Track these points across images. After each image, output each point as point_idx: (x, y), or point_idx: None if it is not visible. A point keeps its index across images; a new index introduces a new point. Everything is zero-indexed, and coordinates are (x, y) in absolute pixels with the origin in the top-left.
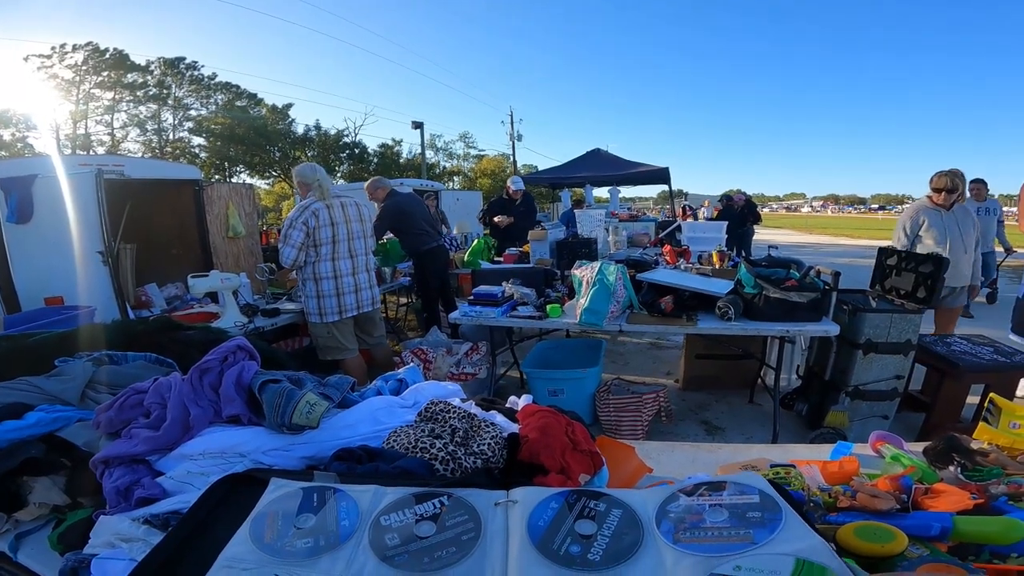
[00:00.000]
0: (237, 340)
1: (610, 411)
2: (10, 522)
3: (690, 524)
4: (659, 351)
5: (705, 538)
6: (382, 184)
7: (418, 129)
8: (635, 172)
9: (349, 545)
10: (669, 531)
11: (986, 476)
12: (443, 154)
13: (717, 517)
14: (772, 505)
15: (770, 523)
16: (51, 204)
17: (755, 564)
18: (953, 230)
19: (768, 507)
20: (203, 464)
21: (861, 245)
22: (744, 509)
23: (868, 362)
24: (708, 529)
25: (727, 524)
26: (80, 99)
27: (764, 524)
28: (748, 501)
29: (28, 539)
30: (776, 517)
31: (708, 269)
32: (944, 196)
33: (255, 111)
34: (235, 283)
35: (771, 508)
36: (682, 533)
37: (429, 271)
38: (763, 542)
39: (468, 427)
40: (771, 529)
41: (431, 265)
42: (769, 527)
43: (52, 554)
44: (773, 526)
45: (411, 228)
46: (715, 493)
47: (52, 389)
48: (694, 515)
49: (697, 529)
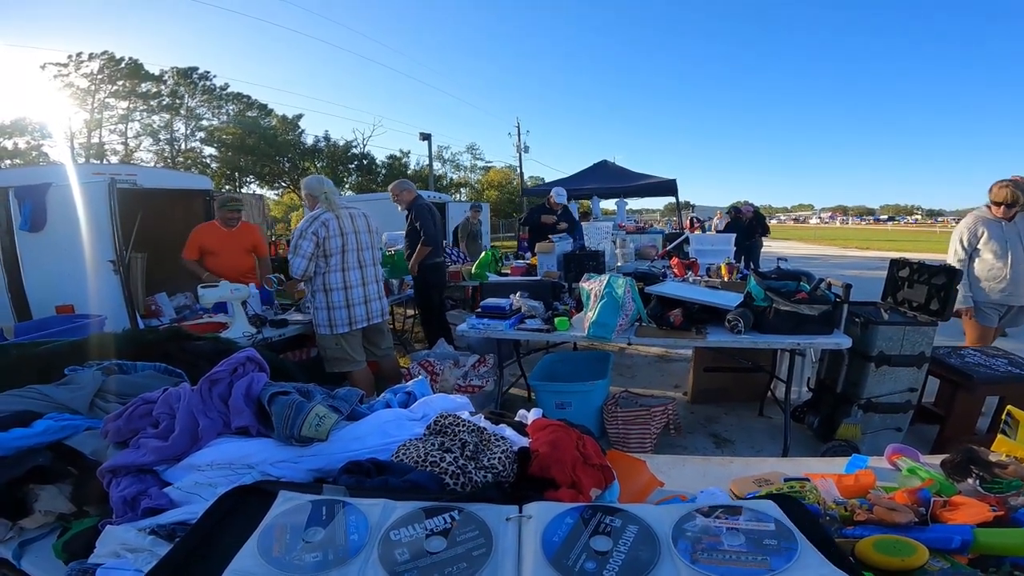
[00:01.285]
0: (247, 352)
1: (618, 424)
2: (14, 529)
3: (708, 545)
4: (667, 364)
5: (723, 560)
6: (407, 187)
7: (426, 140)
8: (642, 184)
9: (358, 560)
10: (687, 550)
11: (1005, 488)
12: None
13: (734, 540)
14: (787, 535)
15: (786, 552)
16: (64, 212)
17: None
18: (1015, 243)
19: (784, 536)
20: (211, 475)
21: (871, 257)
22: (761, 536)
23: (881, 375)
24: (726, 552)
25: (744, 549)
26: (95, 108)
27: (780, 552)
28: (764, 528)
29: (32, 547)
30: (791, 546)
31: (717, 282)
32: (1004, 210)
33: (265, 122)
34: (244, 294)
35: (787, 537)
36: (700, 554)
37: (431, 284)
38: (779, 570)
39: (478, 441)
40: (787, 558)
41: (434, 279)
42: (785, 555)
43: (56, 562)
44: (789, 555)
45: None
46: (732, 517)
47: (61, 398)
48: (711, 536)
49: (715, 551)
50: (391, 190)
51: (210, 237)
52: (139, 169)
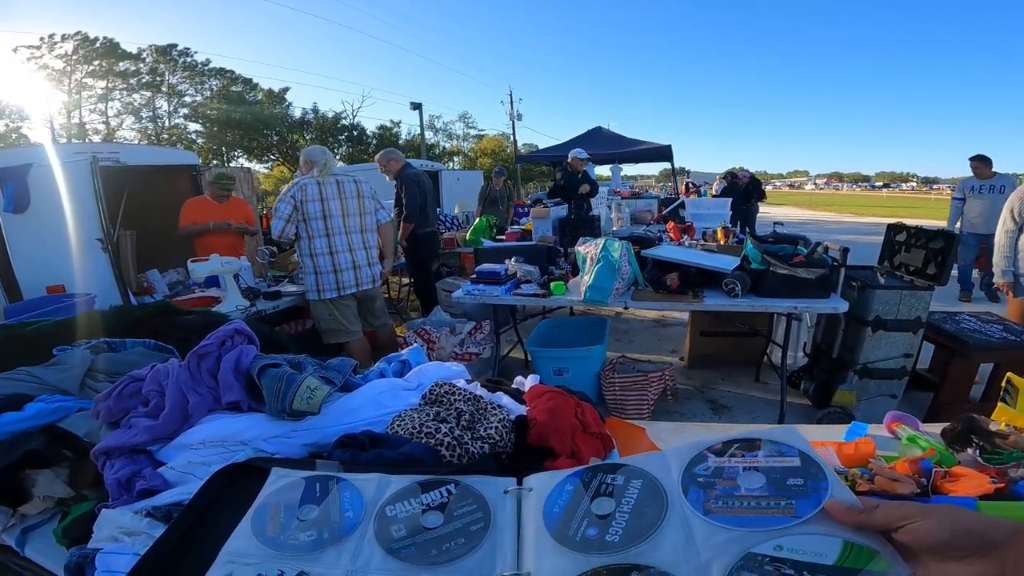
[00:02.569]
0: (235, 324)
1: (616, 390)
2: (16, 516)
3: (722, 491)
4: (664, 328)
5: (740, 509)
6: (394, 156)
7: (417, 110)
8: (637, 150)
9: (354, 537)
10: (698, 499)
11: (1005, 459)
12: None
13: (753, 483)
14: (816, 471)
15: (814, 493)
16: (48, 193)
17: (798, 544)
18: None
19: (811, 473)
20: (204, 454)
21: (866, 222)
22: (784, 474)
23: (877, 340)
24: (743, 498)
25: (765, 492)
26: (72, 88)
27: (807, 494)
28: (787, 464)
29: (34, 533)
30: (821, 486)
31: (713, 246)
32: None
33: (251, 96)
34: (235, 267)
35: (815, 475)
36: (713, 502)
37: (425, 254)
38: (806, 516)
39: (474, 410)
40: (815, 501)
41: (427, 249)
42: (813, 498)
43: (59, 548)
44: (818, 497)
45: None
46: (749, 453)
47: (51, 379)
48: (726, 480)
49: (731, 498)
50: (378, 160)
51: (201, 211)
52: (121, 146)
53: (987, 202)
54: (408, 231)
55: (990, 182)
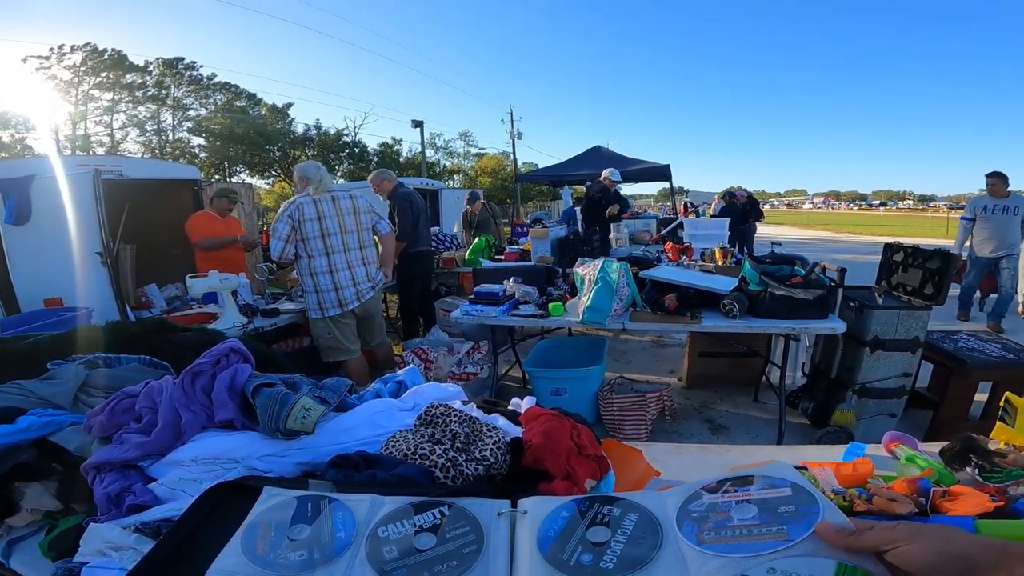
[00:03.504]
0: (230, 342)
1: (613, 410)
2: (2, 527)
3: (715, 523)
4: (662, 349)
5: (733, 537)
6: (386, 176)
7: (418, 128)
8: (636, 169)
9: (345, 558)
10: (692, 532)
11: (1005, 478)
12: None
13: (745, 514)
14: (807, 498)
15: (806, 518)
16: (49, 205)
17: (791, 567)
18: None
19: (803, 500)
20: (195, 471)
21: (864, 241)
22: (775, 504)
23: (875, 360)
24: (736, 527)
25: (757, 521)
26: (79, 100)
27: (799, 519)
28: (779, 495)
29: (20, 545)
30: (812, 511)
31: (711, 266)
32: None
33: (255, 111)
34: (234, 283)
35: (806, 501)
36: (706, 533)
37: (415, 273)
38: (799, 539)
39: (469, 431)
40: (807, 524)
41: (418, 268)
42: (805, 522)
43: (44, 561)
44: (810, 521)
45: (413, 226)
46: (742, 488)
47: (44, 393)
48: (719, 513)
49: (724, 528)
50: (371, 181)
51: (211, 225)
52: (125, 160)
53: (999, 223)
54: (400, 250)
55: (1004, 202)
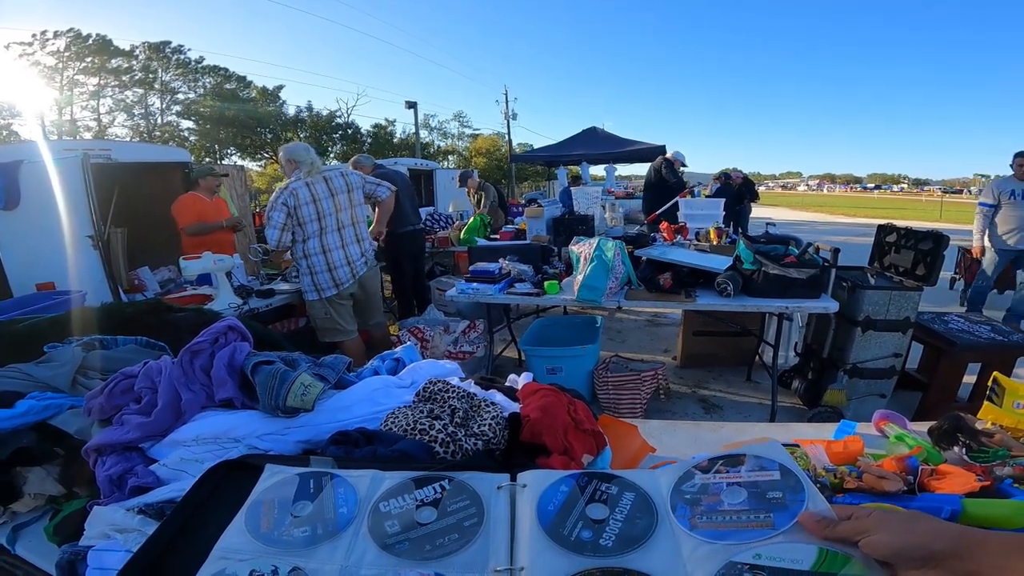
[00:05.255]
0: (228, 320)
1: (609, 389)
2: (7, 514)
3: (707, 507)
4: (656, 328)
5: (723, 524)
6: (364, 162)
7: (412, 109)
8: (631, 150)
9: (348, 533)
10: (685, 515)
11: (991, 457)
12: (437, 133)
13: (735, 499)
14: (794, 483)
15: (792, 505)
16: (38, 189)
17: (775, 552)
18: None
19: (790, 485)
20: (197, 451)
21: (858, 223)
22: (764, 488)
23: (866, 339)
24: (726, 513)
25: (746, 507)
26: (64, 85)
27: (786, 506)
28: (768, 478)
29: (25, 531)
30: (799, 498)
31: (706, 246)
32: None
33: (245, 94)
34: (228, 264)
35: (793, 487)
36: (698, 518)
37: (403, 253)
38: (784, 527)
39: (468, 407)
40: (793, 513)
41: (406, 248)
42: (791, 510)
43: (50, 545)
44: (795, 508)
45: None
46: (733, 469)
47: (42, 376)
48: (711, 496)
49: (715, 513)
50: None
51: (199, 208)
52: (113, 143)
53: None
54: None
55: None
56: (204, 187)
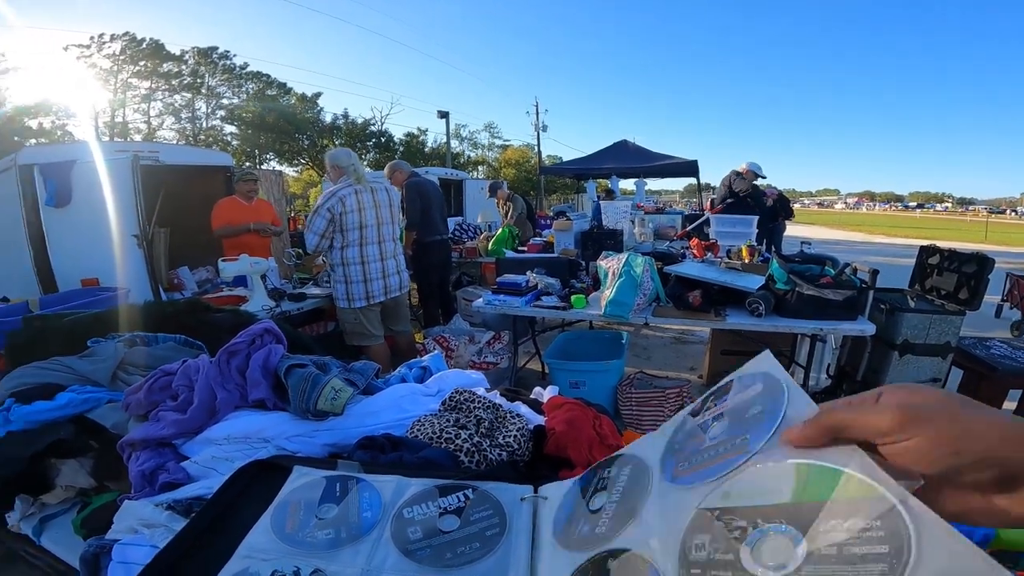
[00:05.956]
0: (265, 323)
1: (632, 405)
2: (36, 505)
3: (690, 451)
4: (683, 345)
5: (701, 463)
6: (399, 167)
7: (444, 119)
8: (662, 164)
9: (371, 537)
10: (670, 468)
11: None
12: (468, 144)
13: (716, 432)
14: (774, 387)
15: (769, 416)
16: (89, 189)
17: (745, 487)
18: None
19: (771, 391)
20: (227, 449)
21: (898, 244)
22: (745, 407)
23: (904, 364)
24: (706, 450)
25: (725, 436)
26: (118, 88)
27: (763, 419)
28: (750, 395)
29: (52, 523)
30: (777, 407)
31: (737, 264)
32: None
33: (285, 100)
34: (264, 267)
35: (773, 391)
36: (680, 465)
37: (431, 262)
38: (757, 448)
39: (493, 418)
40: (768, 426)
41: (433, 257)
42: (767, 422)
43: (75, 539)
44: (772, 419)
45: (424, 214)
46: (721, 399)
47: (83, 369)
48: (695, 438)
49: (696, 455)
50: (384, 173)
51: (236, 212)
52: (161, 146)
53: None
54: (411, 239)
55: None
56: (240, 191)
